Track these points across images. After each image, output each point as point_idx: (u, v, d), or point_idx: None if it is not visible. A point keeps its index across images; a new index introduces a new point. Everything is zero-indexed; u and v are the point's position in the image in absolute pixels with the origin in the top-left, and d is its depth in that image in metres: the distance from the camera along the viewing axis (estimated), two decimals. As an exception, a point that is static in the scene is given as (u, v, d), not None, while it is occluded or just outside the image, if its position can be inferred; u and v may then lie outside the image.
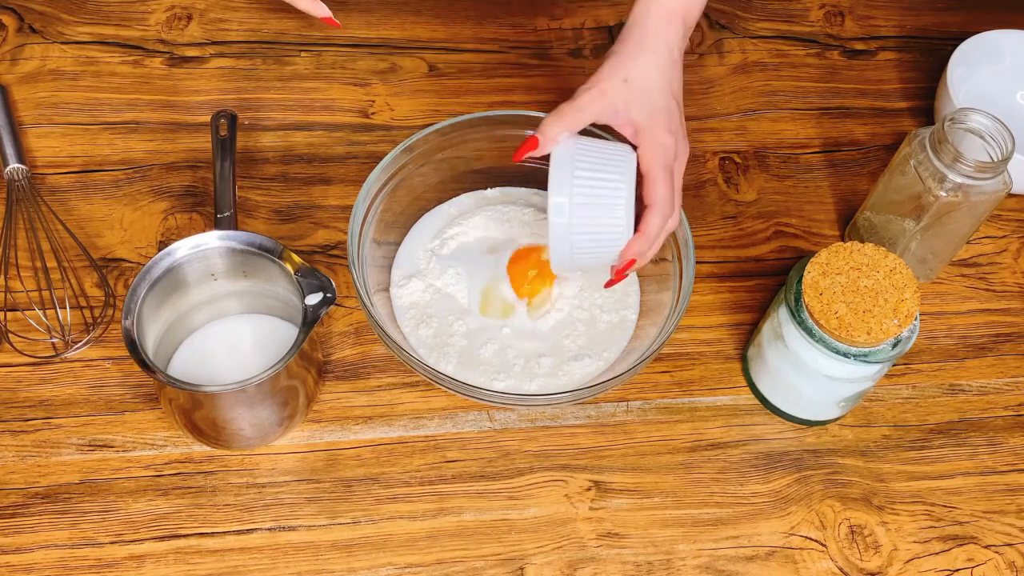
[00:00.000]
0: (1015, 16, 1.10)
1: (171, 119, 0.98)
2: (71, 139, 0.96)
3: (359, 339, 0.87)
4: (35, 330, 0.84)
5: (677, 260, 0.84)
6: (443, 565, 0.78)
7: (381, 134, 0.99)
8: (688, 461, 0.84)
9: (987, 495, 0.85)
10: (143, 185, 0.94)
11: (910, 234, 0.88)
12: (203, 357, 0.83)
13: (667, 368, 0.88)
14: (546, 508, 0.81)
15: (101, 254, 0.90)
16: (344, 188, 0.95)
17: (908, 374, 0.90)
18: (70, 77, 1.00)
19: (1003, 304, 0.95)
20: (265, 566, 0.77)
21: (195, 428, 0.79)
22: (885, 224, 0.91)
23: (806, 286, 0.77)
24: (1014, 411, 0.89)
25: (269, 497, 0.80)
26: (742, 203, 0.99)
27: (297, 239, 0.92)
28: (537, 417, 0.85)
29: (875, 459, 0.86)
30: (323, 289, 0.76)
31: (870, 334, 0.75)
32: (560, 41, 1.08)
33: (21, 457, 0.80)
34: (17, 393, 0.83)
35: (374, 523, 0.79)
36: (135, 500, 0.79)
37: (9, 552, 0.76)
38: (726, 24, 1.11)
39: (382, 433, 0.83)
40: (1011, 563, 0.82)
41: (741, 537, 0.81)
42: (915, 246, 0.90)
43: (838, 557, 0.81)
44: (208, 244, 0.79)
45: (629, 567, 0.79)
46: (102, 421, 0.82)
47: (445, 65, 1.05)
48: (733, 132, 1.03)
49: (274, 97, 1.01)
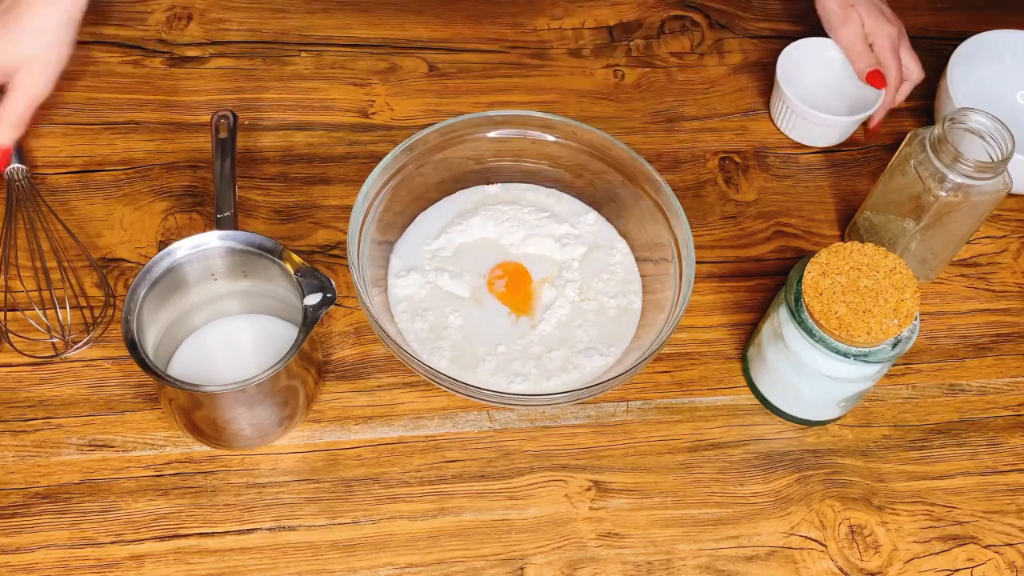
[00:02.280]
0: (1015, 16, 1.10)
1: (171, 119, 0.98)
2: (71, 139, 0.96)
3: (359, 339, 0.87)
4: (35, 330, 0.84)
5: (677, 260, 0.84)
6: (443, 565, 0.78)
7: (381, 134, 0.99)
8: (688, 461, 0.84)
9: (987, 495, 0.85)
10: (143, 185, 0.94)
11: (910, 234, 0.88)
12: (203, 357, 0.83)
13: (667, 368, 0.89)
14: (546, 508, 0.81)
15: (101, 254, 0.90)
16: (344, 188, 0.95)
17: (908, 374, 0.90)
18: (70, 77, 1.00)
19: (1003, 304, 0.95)
20: (265, 566, 0.77)
21: (195, 428, 0.79)
22: (885, 224, 0.91)
23: (806, 286, 0.77)
24: (1014, 411, 0.89)
25: (269, 497, 0.80)
26: (742, 203, 0.99)
27: (297, 239, 0.92)
28: (537, 417, 0.85)
29: (875, 459, 0.86)
30: (323, 289, 0.76)
31: (870, 334, 0.75)
32: (560, 41, 1.08)
33: (21, 457, 0.80)
34: (17, 393, 0.83)
35: (374, 523, 0.79)
36: (135, 500, 0.79)
37: (9, 552, 0.76)
38: (726, 24, 1.11)
39: (382, 433, 0.83)
40: (1011, 563, 0.82)
41: (741, 537, 0.81)
42: (915, 246, 0.90)
43: (838, 557, 0.81)
44: (208, 244, 0.79)
45: (629, 567, 0.79)
46: (102, 421, 0.82)
47: (445, 65, 1.05)
48: (733, 132, 1.03)
49: (274, 97, 1.01)
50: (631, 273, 0.90)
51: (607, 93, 1.04)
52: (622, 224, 0.92)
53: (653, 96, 1.05)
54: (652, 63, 1.07)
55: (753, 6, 1.13)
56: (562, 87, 1.04)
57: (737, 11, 1.12)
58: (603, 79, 1.05)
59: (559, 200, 0.93)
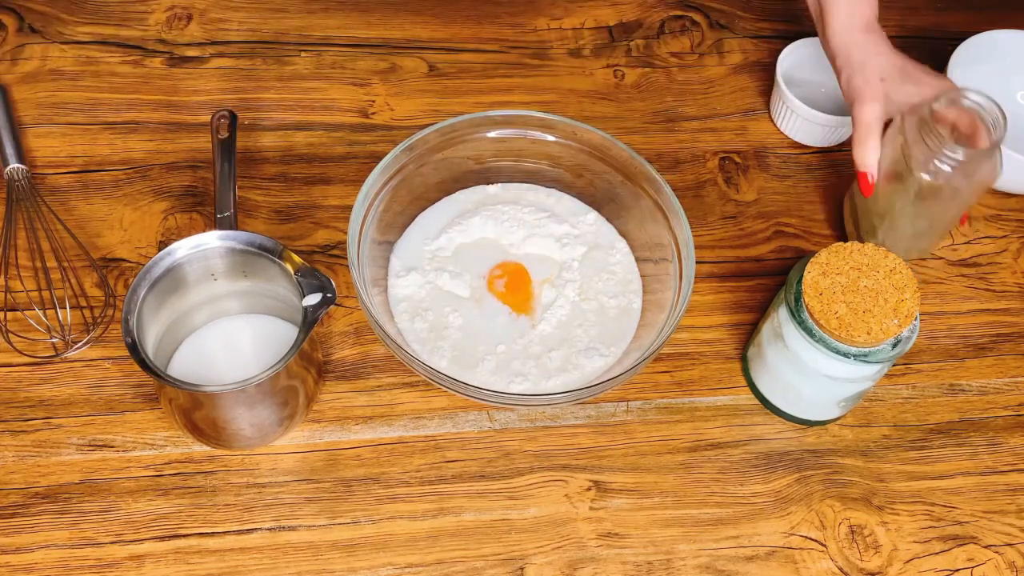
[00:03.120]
0: (1015, 16, 1.10)
1: (171, 119, 0.98)
2: (71, 139, 0.96)
3: (359, 339, 0.87)
4: (35, 330, 0.84)
5: (677, 260, 0.84)
6: (443, 565, 0.78)
7: (381, 134, 0.99)
8: (688, 461, 0.84)
9: (987, 495, 0.85)
10: (143, 185, 0.94)
11: (898, 209, 0.87)
12: (203, 357, 0.83)
13: (667, 368, 0.89)
14: (546, 508, 0.81)
15: (101, 254, 0.90)
16: (344, 188, 0.95)
17: (908, 374, 0.90)
18: (70, 77, 1.00)
19: (1003, 304, 0.95)
20: (265, 566, 0.77)
21: (195, 428, 0.79)
22: (874, 197, 0.90)
23: (806, 286, 0.77)
24: (1014, 411, 0.89)
25: (269, 497, 0.80)
26: (742, 203, 0.99)
27: (297, 239, 0.92)
28: (537, 417, 0.85)
29: (875, 459, 0.86)
30: (323, 289, 0.76)
31: (870, 334, 0.75)
32: (560, 41, 1.08)
33: (21, 457, 0.80)
34: (17, 393, 0.83)
35: (374, 523, 0.79)
36: (135, 500, 0.79)
37: (9, 552, 0.76)
38: (726, 24, 1.11)
39: (382, 433, 0.83)
40: (1011, 563, 0.82)
41: (741, 537, 0.81)
42: (905, 221, 0.89)
43: (838, 557, 0.81)
44: (208, 244, 0.79)
45: (629, 567, 0.79)
46: (102, 421, 0.82)
47: (445, 65, 1.05)
48: (733, 132, 1.03)
49: (274, 97, 1.01)
50: (631, 273, 0.90)
51: (607, 93, 1.04)
52: (622, 224, 0.92)
53: (653, 96, 1.05)
54: (652, 63, 1.07)
55: (753, 6, 1.13)
56: (562, 87, 1.04)
57: (737, 11, 1.12)
58: (603, 79, 1.05)
59: (559, 200, 0.94)
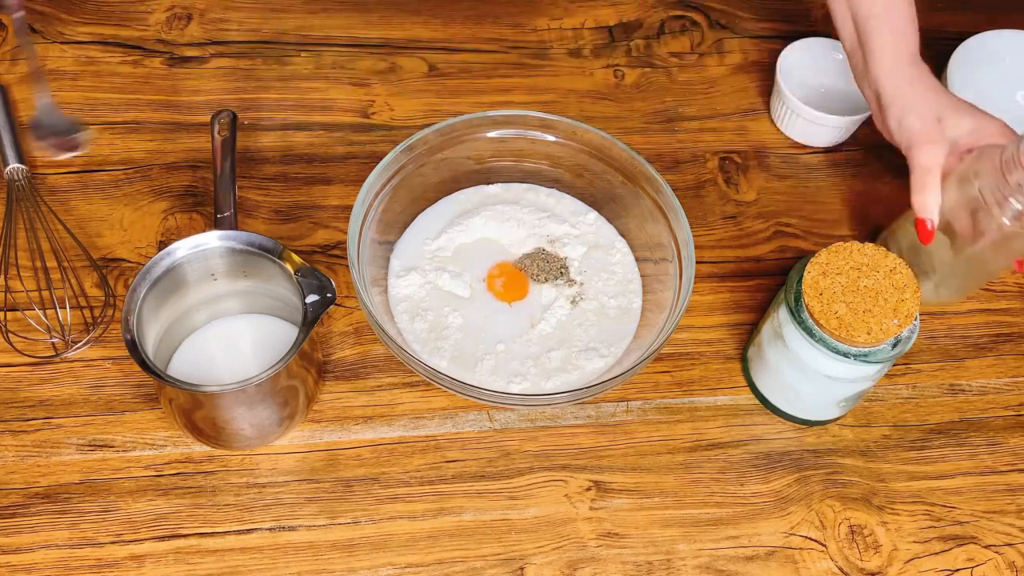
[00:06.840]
0: (1014, 16, 1.10)
1: (171, 119, 0.98)
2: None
3: (359, 339, 0.87)
4: (35, 330, 0.84)
5: (677, 260, 0.84)
6: (443, 565, 0.78)
7: (381, 134, 0.99)
8: (688, 461, 0.84)
9: (987, 495, 0.85)
10: (143, 185, 0.94)
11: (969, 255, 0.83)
12: (203, 357, 0.83)
13: (667, 368, 0.89)
14: (546, 508, 0.81)
15: (101, 254, 0.90)
16: (344, 188, 0.95)
17: (908, 374, 0.90)
18: (70, 77, 1.00)
19: (1003, 304, 0.95)
20: (265, 566, 0.77)
21: (195, 428, 0.79)
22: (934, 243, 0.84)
23: (806, 286, 0.77)
24: (1014, 411, 0.89)
25: (269, 497, 0.80)
26: (742, 203, 0.99)
27: (297, 239, 0.92)
28: (537, 417, 0.85)
29: (875, 459, 0.86)
30: (323, 289, 0.76)
31: (870, 334, 0.75)
32: (560, 41, 1.08)
33: (21, 457, 0.80)
34: (17, 393, 0.83)
35: (374, 523, 0.79)
36: (135, 500, 0.79)
37: (9, 552, 0.76)
38: (726, 24, 1.11)
39: (382, 433, 0.83)
40: (1011, 563, 0.82)
41: (741, 537, 0.81)
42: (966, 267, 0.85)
43: (838, 557, 0.81)
44: (208, 244, 0.79)
45: (629, 567, 0.79)
46: (102, 421, 0.82)
47: (445, 65, 1.05)
48: (733, 132, 1.03)
49: (274, 97, 1.01)
50: (631, 273, 0.90)
51: (607, 93, 1.04)
52: (622, 224, 0.92)
53: (653, 96, 1.05)
54: (652, 63, 1.07)
55: (753, 6, 1.13)
56: (562, 87, 1.04)
57: (737, 11, 1.12)
58: (603, 79, 1.05)
59: (559, 200, 0.94)
